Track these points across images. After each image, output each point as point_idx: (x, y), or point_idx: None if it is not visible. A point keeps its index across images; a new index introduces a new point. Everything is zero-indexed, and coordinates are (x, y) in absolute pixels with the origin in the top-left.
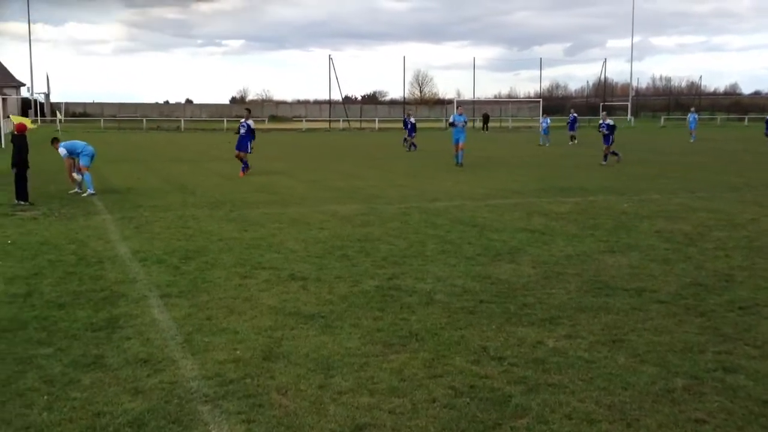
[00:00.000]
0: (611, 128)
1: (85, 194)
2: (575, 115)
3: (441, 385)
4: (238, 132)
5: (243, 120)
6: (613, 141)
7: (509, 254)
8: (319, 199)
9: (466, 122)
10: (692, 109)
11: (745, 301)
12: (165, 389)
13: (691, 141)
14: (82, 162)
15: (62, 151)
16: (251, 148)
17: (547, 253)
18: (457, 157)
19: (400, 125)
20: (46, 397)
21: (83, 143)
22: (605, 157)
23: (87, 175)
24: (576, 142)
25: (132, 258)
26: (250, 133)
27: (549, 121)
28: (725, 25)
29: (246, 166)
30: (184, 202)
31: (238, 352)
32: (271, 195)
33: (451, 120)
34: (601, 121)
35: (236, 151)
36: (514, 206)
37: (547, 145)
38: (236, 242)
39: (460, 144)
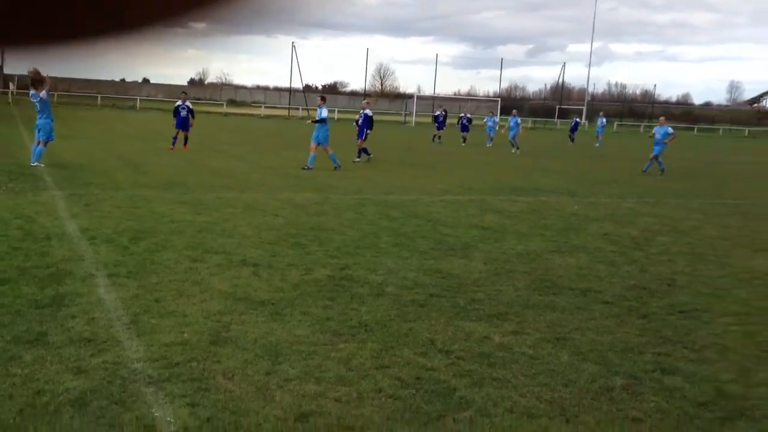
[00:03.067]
0: (367, 120)
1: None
2: (469, 116)
3: (388, 376)
4: (179, 114)
5: (182, 102)
6: (367, 136)
7: (461, 250)
8: (275, 186)
9: (323, 119)
10: (601, 113)
11: (685, 306)
12: (108, 369)
13: (597, 146)
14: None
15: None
16: (191, 126)
17: (499, 250)
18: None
19: (357, 116)
20: None
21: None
22: (359, 153)
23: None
24: (465, 144)
25: (80, 236)
26: (191, 113)
27: (497, 119)
28: (682, 36)
29: (175, 141)
30: (136, 181)
31: (185, 335)
32: (226, 179)
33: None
34: (361, 112)
35: (178, 131)
36: (469, 203)
37: (489, 145)
38: (188, 225)
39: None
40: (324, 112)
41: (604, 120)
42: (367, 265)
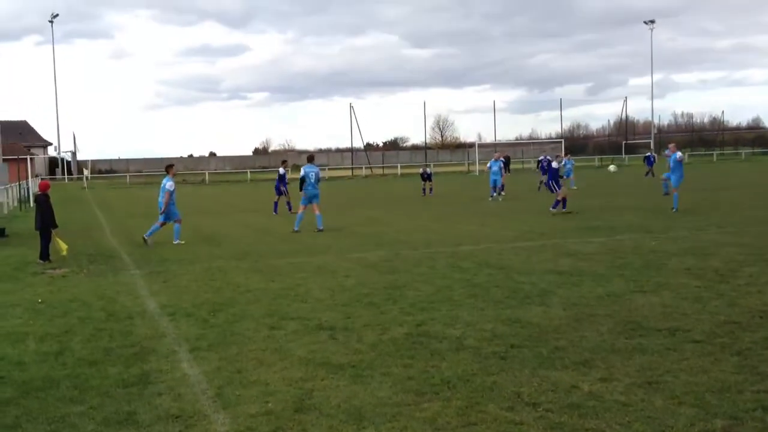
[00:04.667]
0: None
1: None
2: (549, 158)
3: None
4: (283, 181)
5: (284, 170)
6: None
7: (538, 297)
8: (344, 247)
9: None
10: (670, 145)
11: None
12: None
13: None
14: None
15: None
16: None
17: (577, 294)
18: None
19: (421, 170)
20: None
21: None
22: (556, 203)
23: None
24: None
25: (161, 312)
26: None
27: (573, 161)
28: (747, 60)
29: (276, 207)
30: (211, 254)
31: (269, 404)
32: (296, 244)
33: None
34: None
35: (279, 197)
36: (541, 248)
37: (573, 187)
38: (263, 293)
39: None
40: (302, 173)
41: (654, 155)
42: (443, 320)
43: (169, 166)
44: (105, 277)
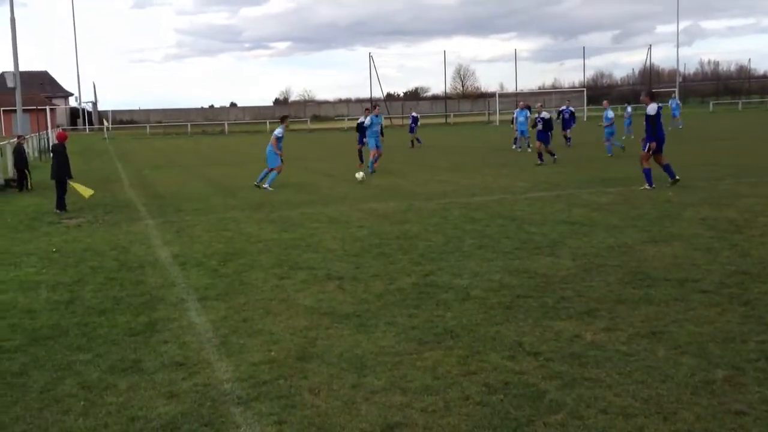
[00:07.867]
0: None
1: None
2: (571, 109)
3: (475, 383)
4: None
5: (376, 116)
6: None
7: (548, 247)
8: (359, 198)
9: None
10: (673, 94)
11: None
12: (199, 392)
13: (676, 127)
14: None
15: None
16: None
17: (588, 244)
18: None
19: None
20: (82, 402)
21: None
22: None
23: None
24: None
25: (172, 262)
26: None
27: (631, 109)
28: None
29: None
30: (226, 204)
31: (272, 353)
32: (311, 195)
33: (366, 121)
34: (563, 108)
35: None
36: (555, 198)
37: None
38: (275, 243)
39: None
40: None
41: (677, 101)
42: (451, 270)
43: (283, 117)
44: (119, 227)
